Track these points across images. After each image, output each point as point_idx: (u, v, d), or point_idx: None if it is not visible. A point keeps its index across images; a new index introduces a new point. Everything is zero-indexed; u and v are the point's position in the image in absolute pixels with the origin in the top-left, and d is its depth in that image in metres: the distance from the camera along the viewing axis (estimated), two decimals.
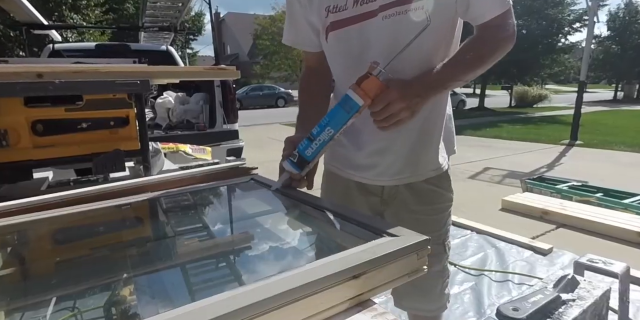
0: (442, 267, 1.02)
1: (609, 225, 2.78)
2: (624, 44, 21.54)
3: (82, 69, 1.09)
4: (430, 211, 0.98)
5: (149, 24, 4.66)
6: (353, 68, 0.85)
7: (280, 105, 19.65)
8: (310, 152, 0.78)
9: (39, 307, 0.55)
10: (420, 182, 0.95)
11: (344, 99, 0.73)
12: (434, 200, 0.98)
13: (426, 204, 0.97)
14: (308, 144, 0.78)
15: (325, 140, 0.76)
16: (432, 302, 1.04)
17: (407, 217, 0.97)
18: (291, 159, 0.80)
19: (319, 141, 0.77)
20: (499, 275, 2.10)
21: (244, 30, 29.21)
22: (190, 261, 0.71)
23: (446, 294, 1.05)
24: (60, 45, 4.02)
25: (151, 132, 3.30)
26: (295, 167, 0.79)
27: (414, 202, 0.96)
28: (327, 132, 0.75)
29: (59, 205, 0.83)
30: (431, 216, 0.98)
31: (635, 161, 5.60)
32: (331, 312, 0.42)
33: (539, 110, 14.96)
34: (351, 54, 0.87)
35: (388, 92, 0.71)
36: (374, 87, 0.71)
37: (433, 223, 0.98)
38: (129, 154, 1.17)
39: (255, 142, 7.73)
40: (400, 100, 0.71)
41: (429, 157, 0.93)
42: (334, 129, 0.75)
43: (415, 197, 0.96)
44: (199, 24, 20.93)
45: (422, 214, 0.97)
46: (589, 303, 0.48)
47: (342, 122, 0.74)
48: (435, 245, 0.98)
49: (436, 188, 0.97)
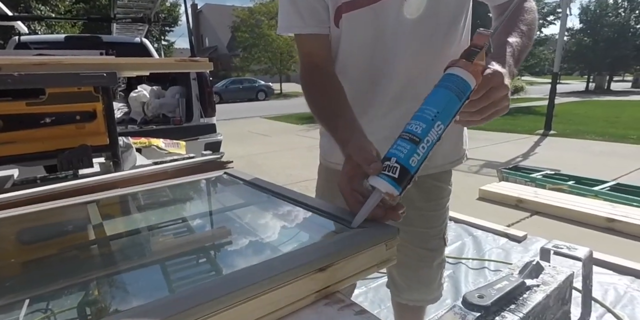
0: (442, 259, 1.04)
1: (580, 212, 2.88)
2: (595, 36, 22.17)
3: (44, 61, 1.04)
4: (435, 207, 0.97)
5: (122, 15, 4.49)
6: (367, 58, 0.82)
7: (260, 99, 19.49)
8: (416, 161, 0.52)
9: (8, 311, 0.53)
10: (425, 178, 0.93)
11: (452, 80, 0.53)
12: (438, 196, 0.97)
13: (431, 200, 0.97)
14: (413, 149, 0.51)
15: (433, 142, 0.53)
16: (432, 292, 1.07)
17: (412, 213, 0.95)
18: (389, 173, 0.52)
19: (427, 143, 0.52)
20: (475, 263, 2.16)
21: (222, 23, 28.65)
22: (160, 259, 0.69)
23: (443, 284, 1.08)
24: (27, 38, 3.85)
25: (125, 127, 3.21)
26: (395, 185, 0.51)
27: (420, 199, 0.95)
28: (437, 129, 0.52)
29: (25, 203, 0.80)
30: (435, 212, 0.98)
31: (606, 150, 5.81)
32: (296, 306, 0.42)
33: (515, 102, 15.27)
34: (365, 40, 0.80)
35: (493, 73, 0.55)
36: (482, 65, 0.54)
37: (436, 218, 0.98)
38: (97, 149, 1.13)
39: (236, 136, 7.65)
40: (504, 85, 0.56)
41: (439, 151, 0.81)
42: (444, 124, 0.53)
43: (421, 194, 0.95)
44: (175, 14, 20.41)
45: (427, 210, 0.97)
46: (552, 288, 0.49)
47: (453, 113, 0.53)
48: (437, 240, 1.00)
49: (439, 183, 0.96)
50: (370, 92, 0.87)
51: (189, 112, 3.44)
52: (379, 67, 0.84)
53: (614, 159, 5.16)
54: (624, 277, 1.91)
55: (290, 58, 22.12)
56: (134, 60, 1.25)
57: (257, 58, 22.20)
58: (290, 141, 7.30)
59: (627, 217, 2.69)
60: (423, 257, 1.01)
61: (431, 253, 1.01)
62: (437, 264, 1.02)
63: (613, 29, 21.53)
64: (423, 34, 0.80)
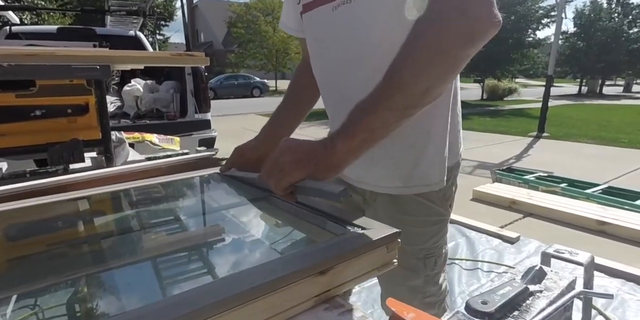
0: (422, 283, 0.89)
1: (572, 214, 2.90)
2: (589, 41, 22.35)
3: (34, 52, 1.01)
4: (414, 222, 0.84)
5: (116, 8, 4.41)
6: (320, 60, 0.80)
7: (255, 95, 19.36)
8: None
9: None
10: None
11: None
12: (419, 212, 0.84)
13: (409, 214, 0.83)
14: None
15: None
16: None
17: (387, 222, 0.86)
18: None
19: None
20: (469, 264, 2.16)
21: (218, 18, 28.45)
22: (152, 257, 0.67)
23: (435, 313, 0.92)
24: (18, 28, 3.77)
25: (118, 121, 3.16)
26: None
27: (394, 210, 0.84)
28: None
29: (13, 198, 0.77)
30: (413, 227, 0.84)
31: (597, 153, 5.86)
32: (296, 310, 0.40)
33: (508, 104, 15.38)
34: (311, 44, 0.81)
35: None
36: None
37: (413, 235, 0.85)
38: (89, 143, 1.10)
39: (230, 133, 7.59)
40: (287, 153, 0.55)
41: (421, 172, 0.78)
42: None
43: (394, 206, 0.83)
44: (171, 9, 20.22)
45: (404, 222, 0.83)
46: (556, 294, 0.48)
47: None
48: (414, 259, 0.87)
49: (424, 200, 0.82)
50: (325, 96, 0.87)
51: (184, 107, 3.40)
52: (320, 75, 0.85)
53: (606, 162, 5.21)
54: (615, 279, 1.93)
55: (285, 55, 22.02)
56: (128, 53, 1.21)
57: (252, 54, 22.06)
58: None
59: (618, 220, 2.71)
60: (397, 273, 0.84)
61: (404, 271, 0.87)
62: (412, 286, 0.89)
63: (606, 34, 21.72)
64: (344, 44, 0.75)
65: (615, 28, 21.74)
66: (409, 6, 0.70)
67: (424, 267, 0.88)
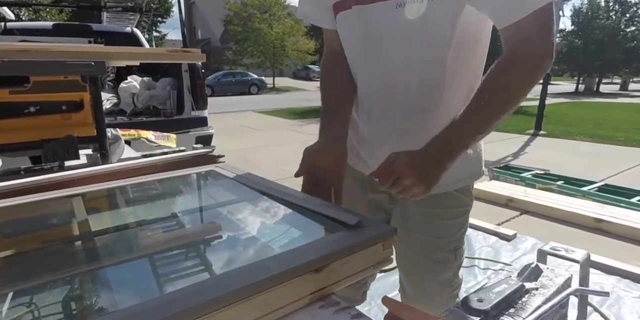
0: (452, 275, 0.93)
1: (568, 212, 2.91)
2: (586, 39, 22.39)
3: (28, 48, 1.00)
4: (445, 214, 0.87)
5: (112, 4, 4.37)
6: (363, 58, 0.78)
7: (253, 92, 19.31)
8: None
9: None
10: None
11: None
12: (450, 204, 0.87)
13: (441, 207, 0.86)
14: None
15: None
16: (435, 309, 0.97)
17: (418, 218, 0.88)
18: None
19: None
20: (465, 261, 2.16)
21: (215, 15, 28.26)
22: (147, 254, 0.66)
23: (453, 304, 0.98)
24: (13, 24, 3.73)
25: (114, 118, 3.14)
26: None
27: (424, 205, 0.85)
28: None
29: (7, 195, 0.77)
30: (444, 220, 0.87)
31: (594, 150, 5.88)
32: (291, 308, 0.40)
33: None
34: (354, 42, 0.78)
35: (396, 165, 0.63)
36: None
37: (445, 228, 0.88)
38: (84, 140, 1.10)
39: (227, 130, 7.57)
40: (409, 173, 0.62)
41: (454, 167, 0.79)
42: None
43: (425, 200, 0.80)
44: (167, 5, 20.10)
45: (435, 216, 0.87)
46: (551, 291, 0.48)
47: None
48: (445, 252, 0.90)
49: (454, 192, 0.86)
50: (362, 92, 0.84)
51: (180, 104, 3.38)
52: (364, 72, 0.82)
53: (602, 159, 5.23)
54: (610, 276, 1.94)
55: (282, 53, 21.95)
56: (124, 50, 1.20)
57: (249, 51, 21.98)
58: (282, 136, 7.25)
59: (615, 217, 2.73)
60: (427, 268, 0.93)
61: (436, 266, 0.91)
62: (443, 279, 0.91)
63: (604, 32, 21.77)
64: (409, 43, 0.74)
65: (612, 26, 21.80)
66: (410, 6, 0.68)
67: (454, 259, 0.92)
